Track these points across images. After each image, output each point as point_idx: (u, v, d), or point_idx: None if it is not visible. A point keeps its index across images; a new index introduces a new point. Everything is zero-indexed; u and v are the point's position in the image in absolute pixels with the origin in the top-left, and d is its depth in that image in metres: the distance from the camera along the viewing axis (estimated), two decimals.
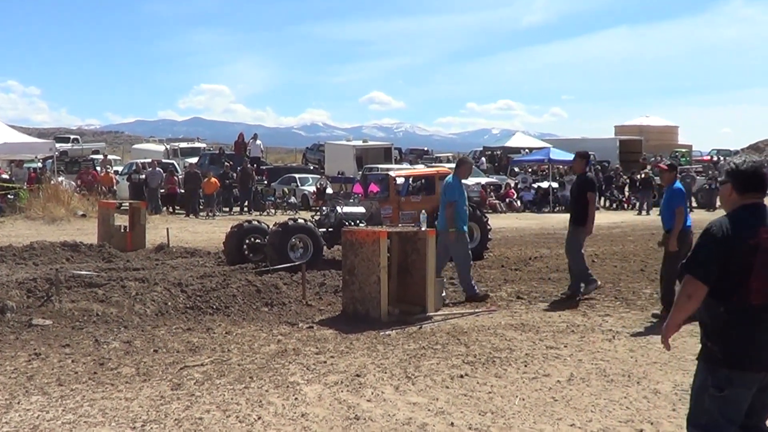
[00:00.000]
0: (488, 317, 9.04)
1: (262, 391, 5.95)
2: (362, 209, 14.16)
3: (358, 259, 8.84)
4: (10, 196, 23.92)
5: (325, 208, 14.62)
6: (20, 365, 6.67)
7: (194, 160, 33.37)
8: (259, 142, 34.88)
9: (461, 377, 6.37)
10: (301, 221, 12.94)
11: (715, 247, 3.61)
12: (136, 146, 47.20)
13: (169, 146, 38.90)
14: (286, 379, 6.29)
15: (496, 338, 7.86)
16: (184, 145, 40.02)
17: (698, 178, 30.68)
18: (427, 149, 53.60)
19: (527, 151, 40.30)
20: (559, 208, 31.21)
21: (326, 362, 6.83)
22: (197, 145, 40.81)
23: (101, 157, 36.64)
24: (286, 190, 30.07)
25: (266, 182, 30.18)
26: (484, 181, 31.63)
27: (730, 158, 3.86)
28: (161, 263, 13.08)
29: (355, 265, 8.88)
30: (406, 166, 32.83)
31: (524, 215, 28.95)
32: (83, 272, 10.53)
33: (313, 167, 38.77)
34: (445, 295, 9.83)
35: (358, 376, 6.37)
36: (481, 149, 46.87)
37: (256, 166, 30.71)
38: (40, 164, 30.55)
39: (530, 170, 38.24)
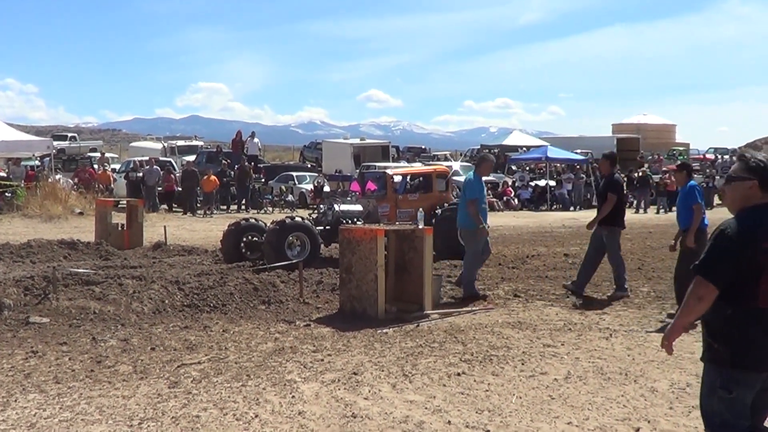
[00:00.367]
0: (486, 315, 9.05)
1: (259, 389, 5.95)
2: (360, 207, 14.16)
3: (355, 257, 8.85)
4: (7, 194, 23.89)
5: (322, 206, 14.62)
6: (17, 363, 6.67)
7: (192, 158, 33.34)
8: (256, 140, 34.84)
9: (458, 375, 6.38)
10: (298, 219, 12.93)
11: (729, 249, 3.52)
12: (133, 144, 47.13)
13: (166, 144, 38.84)
14: (283, 377, 6.29)
15: (493, 336, 7.87)
16: (181, 143, 39.96)
17: (695, 176, 30.70)
18: (424, 147, 53.61)
19: (524, 149, 40.32)
20: (556, 206, 31.24)
21: (323, 360, 6.83)
22: (195, 143, 40.76)
23: (99, 155, 36.57)
24: (283, 188, 30.08)
25: (264, 180, 30.17)
26: None
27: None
28: (158, 261, 13.07)
29: (352, 263, 8.88)
30: (403, 164, 32.84)
31: (521, 213, 28.96)
32: (80, 270, 10.53)
33: (310, 165, 38.77)
34: (442, 293, 9.83)
35: (355, 374, 6.37)
36: (478, 147, 46.88)
37: (253, 164, 30.68)
38: (37, 162, 30.51)
39: (528, 168, 38.28)
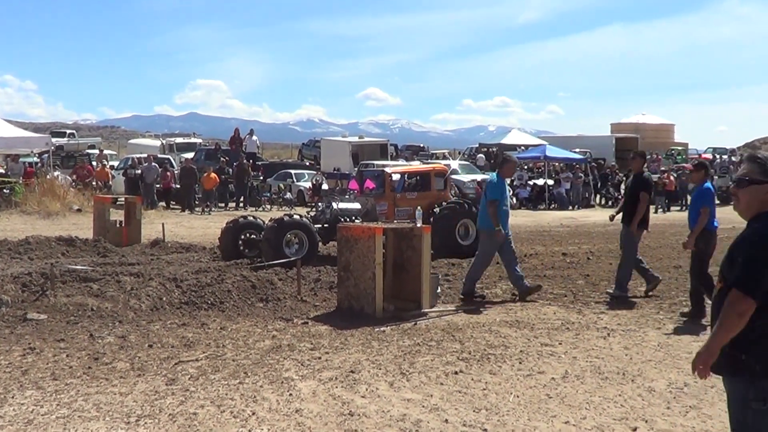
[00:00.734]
0: (483, 314, 9.05)
1: (256, 386, 5.95)
2: (358, 205, 14.16)
3: (353, 255, 8.84)
4: (5, 190, 23.86)
5: (320, 204, 14.61)
6: (15, 359, 6.67)
7: (190, 155, 33.33)
8: (255, 137, 34.82)
9: (456, 374, 6.38)
10: (296, 217, 12.93)
11: None
12: (132, 141, 47.09)
13: (165, 141, 38.79)
14: (280, 374, 6.29)
15: (491, 335, 7.87)
16: (180, 140, 39.91)
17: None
18: (423, 146, 53.56)
19: (523, 148, 40.32)
20: (554, 205, 31.24)
21: (321, 358, 6.83)
22: (193, 140, 40.72)
23: (97, 151, 36.51)
24: (281, 185, 30.04)
25: (262, 178, 30.16)
26: (479, 177, 31.63)
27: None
28: (156, 258, 13.07)
29: (350, 261, 8.88)
30: (401, 162, 32.81)
31: (520, 212, 28.93)
32: (78, 267, 10.52)
33: (309, 163, 38.73)
34: (439, 291, 9.83)
35: (352, 372, 6.37)
36: (477, 146, 46.87)
37: (252, 161, 30.66)
38: (36, 159, 30.47)
39: (526, 167, 38.27)
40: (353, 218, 13.46)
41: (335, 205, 13.81)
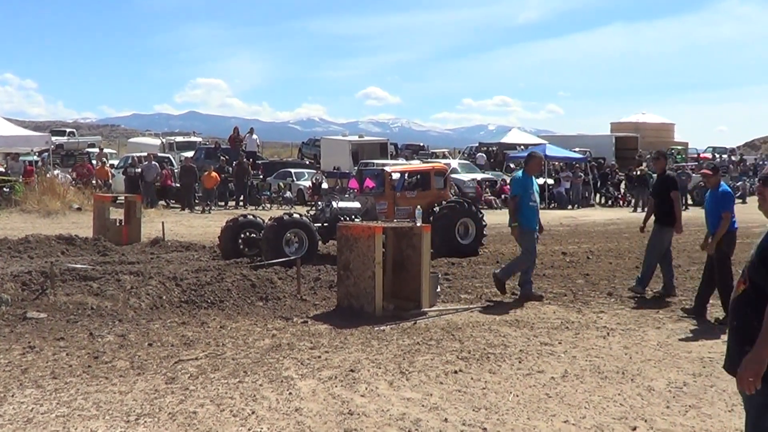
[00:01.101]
0: (483, 313, 9.05)
1: (256, 385, 5.95)
2: (358, 204, 14.16)
3: (353, 254, 8.85)
4: (5, 189, 23.85)
5: (320, 203, 14.61)
6: (15, 358, 6.67)
7: (190, 154, 33.33)
8: (255, 136, 34.81)
9: (455, 373, 6.38)
10: (296, 216, 12.93)
11: None
12: (131, 140, 47.09)
13: (165, 140, 38.79)
14: (280, 373, 6.29)
15: (490, 334, 7.88)
16: (180, 139, 39.91)
17: (694, 175, 30.73)
18: (423, 145, 53.59)
19: (523, 147, 40.34)
20: (554, 204, 31.23)
21: (320, 357, 6.83)
22: (193, 139, 40.74)
23: (97, 150, 36.52)
24: (281, 184, 30.04)
25: (262, 177, 30.15)
26: (479, 176, 31.64)
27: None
28: (156, 257, 13.07)
29: (350, 260, 8.88)
30: (401, 161, 32.81)
31: None
32: (78, 265, 10.52)
33: (308, 162, 38.74)
34: (439, 290, 9.83)
35: (352, 371, 6.38)
36: (477, 145, 46.90)
37: (252, 160, 30.66)
38: (36, 157, 30.48)
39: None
40: (353, 217, 13.46)
41: (335, 204, 13.81)
